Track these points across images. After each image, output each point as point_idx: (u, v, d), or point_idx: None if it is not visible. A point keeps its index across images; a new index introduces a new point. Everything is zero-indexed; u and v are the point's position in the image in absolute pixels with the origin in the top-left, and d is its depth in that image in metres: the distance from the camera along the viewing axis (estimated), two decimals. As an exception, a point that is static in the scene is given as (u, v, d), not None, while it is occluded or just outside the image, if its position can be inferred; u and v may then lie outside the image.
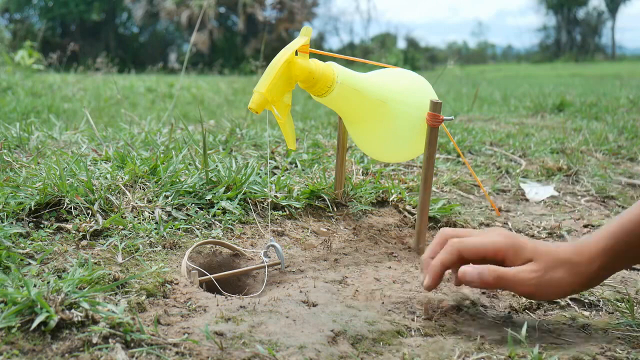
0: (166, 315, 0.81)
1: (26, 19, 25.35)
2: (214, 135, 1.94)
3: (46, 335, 0.69)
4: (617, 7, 39.63)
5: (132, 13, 25.54)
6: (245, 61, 8.57)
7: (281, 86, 1.01)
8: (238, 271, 1.03)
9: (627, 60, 30.82)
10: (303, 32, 1.03)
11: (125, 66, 11.09)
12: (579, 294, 1.00)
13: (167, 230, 1.09)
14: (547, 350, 0.79)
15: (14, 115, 3.11)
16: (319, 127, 2.59)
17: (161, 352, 0.70)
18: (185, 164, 1.39)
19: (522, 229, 1.38)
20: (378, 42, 29.87)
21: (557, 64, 27.76)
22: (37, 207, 1.07)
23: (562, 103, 4.03)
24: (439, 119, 1.10)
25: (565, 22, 39.32)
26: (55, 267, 0.90)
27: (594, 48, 39.10)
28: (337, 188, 1.34)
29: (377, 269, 1.09)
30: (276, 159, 1.68)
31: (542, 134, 2.65)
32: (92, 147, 1.64)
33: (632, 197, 1.70)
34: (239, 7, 23.32)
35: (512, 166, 1.93)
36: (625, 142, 2.45)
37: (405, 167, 1.79)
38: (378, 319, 0.86)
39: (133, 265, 0.96)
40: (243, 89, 7.55)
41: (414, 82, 1.17)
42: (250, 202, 1.25)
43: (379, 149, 1.21)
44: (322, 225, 1.26)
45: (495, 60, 43.28)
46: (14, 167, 1.34)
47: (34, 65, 7.44)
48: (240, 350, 0.72)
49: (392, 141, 1.16)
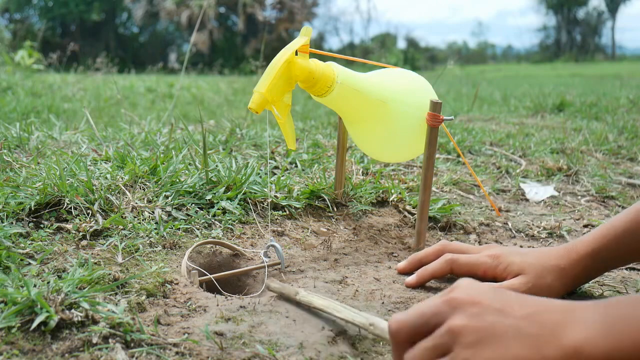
0: (166, 315, 0.81)
1: (26, 19, 25.35)
2: (214, 135, 1.94)
3: (46, 335, 0.69)
4: (617, 7, 39.65)
5: (132, 13, 25.55)
6: (245, 61, 8.58)
7: (281, 86, 1.01)
8: (238, 271, 1.03)
9: (627, 60, 30.83)
10: (303, 32, 1.03)
11: (125, 66, 11.09)
12: (579, 294, 1.01)
13: (167, 230, 1.09)
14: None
15: (14, 115, 3.11)
16: (319, 127, 2.59)
17: (161, 352, 0.70)
18: (185, 164, 1.39)
19: (522, 229, 1.38)
20: (378, 42, 29.88)
21: (557, 64, 27.78)
22: (37, 207, 1.07)
23: (562, 103, 4.03)
24: (439, 119, 1.10)
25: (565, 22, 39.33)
26: (55, 267, 0.90)
27: (594, 48, 39.11)
28: (337, 188, 1.34)
29: (377, 269, 1.09)
30: (276, 159, 1.68)
31: (542, 134, 2.65)
32: (92, 147, 1.64)
33: (632, 197, 1.70)
34: (239, 7, 23.32)
35: (512, 166, 1.93)
36: (625, 142, 2.45)
37: (405, 167, 1.79)
38: (378, 319, 0.86)
39: (133, 265, 0.96)
40: (243, 89, 7.55)
41: (414, 82, 1.17)
42: (250, 202, 1.25)
43: (379, 149, 1.21)
44: (322, 225, 1.26)
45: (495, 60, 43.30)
46: (14, 167, 1.34)
47: (34, 65, 7.44)
48: (240, 350, 0.72)
49: (392, 141, 1.16)
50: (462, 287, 0.60)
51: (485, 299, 0.57)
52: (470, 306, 0.57)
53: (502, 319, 0.55)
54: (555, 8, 39.78)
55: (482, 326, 0.55)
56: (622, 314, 0.50)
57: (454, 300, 0.58)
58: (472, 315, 0.56)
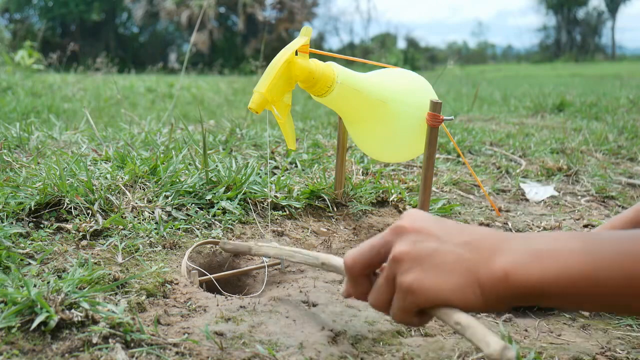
0: (166, 315, 0.81)
1: (26, 19, 25.35)
2: (214, 135, 1.94)
3: (46, 335, 0.69)
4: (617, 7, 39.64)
5: (132, 13, 25.54)
6: (245, 61, 8.57)
7: (281, 86, 1.01)
8: (238, 271, 1.03)
9: (627, 60, 30.81)
10: (303, 32, 1.03)
11: (125, 66, 11.08)
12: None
13: (167, 230, 1.09)
14: (547, 350, 0.79)
15: (14, 115, 3.11)
16: (319, 127, 2.59)
17: (161, 352, 0.70)
18: (185, 164, 1.39)
19: (522, 229, 1.37)
20: (378, 42, 29.88)
21: (557, 64, 27.77)
22: (37, 207, 1.07)
23: (562, 103, 4.03)
24: (439, 119, 1.10)
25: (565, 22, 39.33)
26: (55, 267, 0.90)
27: (594, 48, 39.10)
28: (337, 188, 1.34)
29: (377, 269, 1.09)
30: (276, 159, 1.68)
31: (542, 134, 2.65)
32: (92, 147, 1.64)
33: (632, 197, 1.70)
34: (239, 7, 23.32)
35: (512, 166, 1.93)
36: (625, 142, 2.45)
37: (405, 167, 1.79)
38: (378, 319, 0.86)
39: (133, 265, 0.96)
40: (243, 89, 7.55)
41: (414, 82, 1.17)
42: (250, 202, 1.25)
43: (379, 149, 1.21)
44: (322, 225, 1.26)
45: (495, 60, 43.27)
46: (14, 167, 1.34)
47: (34, 65, 7.44)
48: (240, 350, 0.72)
49: (392, 141, 1.16)
50: (408, 216, 0.63)
51: (427, 227, 0.60)
52: (413, 234, 0.60)
53: (441, 246, 0.58)
54: (555, 8, 39.78)
55: (423, 252, 0.58)
56: (546, 246, 0.55)
57: (399, 228, 0.61)
58: (414, 242, 0.59)
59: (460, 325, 0.56)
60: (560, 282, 0.53)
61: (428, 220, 0.61)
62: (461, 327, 0.56)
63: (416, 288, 0.57)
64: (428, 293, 0.57)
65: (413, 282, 0.57)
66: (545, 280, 0.53)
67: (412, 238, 0.59)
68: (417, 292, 0.57)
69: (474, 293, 0.56)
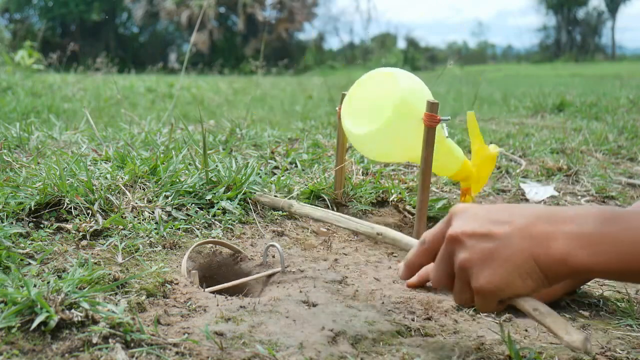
0: (166, 315, 0.81)
1: (26, 19, 25.34)
2: (214, 135, 1.94)
3: (46, 335, 0.69)
4: (617, 7, 39.63)
5: (132, 13, 25.54)
6: (245, 61, 8.57)
7: None
8: (242, 280, 1.04)
9: (627, 60, 30.77)
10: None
11: (125, 66, 11.07)
12: (579, 294, 1.01)
13: (167, 230, 1.09)
14: (547, 350, 0.79)
15: (14, 115, 3.11)
16: (319, 127, 2.59)
17: (161, 352, 0.70)
18: (185, 164, 1.39)
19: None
20: (378, 42, 29.87)
21: (557, 64, 27.74)
22: (37, 207, 1.07)
23: (562, 103, 4.03)
24: (436, 119, 1.11)
25: (565, 22, 39.32)
26: (55, 267, 0.90)
27: (594, 48, 39.09)
28: (337, 188, 1.34)
29: (377, 269, 1.09)
30: (276, 159, 1.68)
31: (542, 134, 2.65)
32: (92, 147, 1.64)
33: (632, 197, 1.70)
34: (239, 7, 23.33)
35: (512, 166, 1.93)
36: (625, 142, 2.45)
37: (405, 167, 1.79)
38: (378, 319, 0.86)
39: (133, 265, 0.96)
40: (243, 89, 7.55)
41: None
42: (250, 202, 1.25)
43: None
44: (322, 225, 1.26)
45: (495, 60, 43.23)
46: (14, 167, 1.34)
47: (34, 65, 7.43)
48: (240, 350, 0.72)
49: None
50: (456, 220, 0.70)
51: (476, 228, 0.67)
52: (467, 240, 0.68)
53: (496, 242, 0.65)
54: (555, 8, 39.76)
55: (483, 255, 0.66)
56: (594, 230, 0.62)
57: (453, 239, 0.69)
58: (472, 248, 0.67)
59: (539, 311, 0.65)
60: (612, 264, 0.61)
61: (473, 220, 0.68)
62: (540, 313, 0.65)
63: (490, 288, 0.66)
64: (501, 288, 0.65)
65: (484, 284, 0.66)
66: (601, 262, 0.61)
67: (468, 244, 0.67)
68: (492, 290, 0.66)
69: (538, 278, 0.64)
